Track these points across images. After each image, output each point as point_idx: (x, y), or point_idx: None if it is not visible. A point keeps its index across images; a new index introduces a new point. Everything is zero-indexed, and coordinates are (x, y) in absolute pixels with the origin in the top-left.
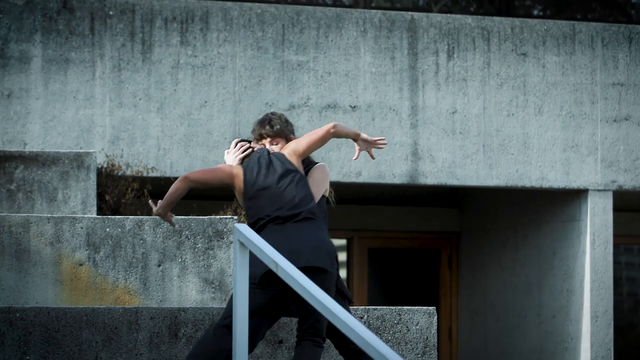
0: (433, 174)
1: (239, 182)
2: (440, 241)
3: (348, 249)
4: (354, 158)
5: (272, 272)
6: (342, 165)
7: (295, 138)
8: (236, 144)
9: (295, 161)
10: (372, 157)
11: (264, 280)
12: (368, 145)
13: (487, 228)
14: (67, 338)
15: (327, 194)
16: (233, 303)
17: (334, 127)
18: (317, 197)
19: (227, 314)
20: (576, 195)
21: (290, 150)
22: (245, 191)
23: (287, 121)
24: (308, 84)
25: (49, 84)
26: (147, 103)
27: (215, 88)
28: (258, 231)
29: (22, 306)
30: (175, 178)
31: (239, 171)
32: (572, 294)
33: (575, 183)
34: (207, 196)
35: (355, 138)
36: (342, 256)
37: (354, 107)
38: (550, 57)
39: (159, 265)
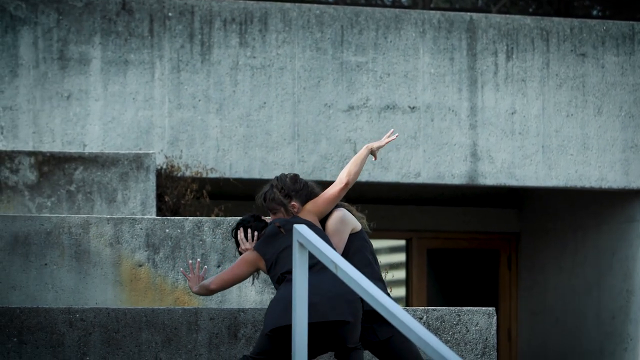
0: (492, 175)
1: (263, 263)
2: (499, 242)
3: (407, 249)
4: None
5: (282, 327)
6: (401, 166)
7: (299, 198)
8: (244, 234)
9: (311, 219)
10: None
11: (274, 332)
12: (383, 146)
13: (547, 229)
14: (126, 339)
15: (357, 229)
16: (292, 304)
17: (347, 182)
18: (339, 246)
19: (256, 350)
20: (635, 196)
21: (306, 211)
22: (268, 264)
23: (283, 188)
24: (367, 85)
25: (108, 85)
26: (206, 104)
27: (274, 89)
28: (278, 282)
29: (82, 307)
30: (235, 179)
31: (259, 255)
32: (632, 295)
33: (634, 183)
34: None
35: (370, 152)
36: (401, 257)
37: (413, 107)
38: (609, 57)
39: (219, 266)
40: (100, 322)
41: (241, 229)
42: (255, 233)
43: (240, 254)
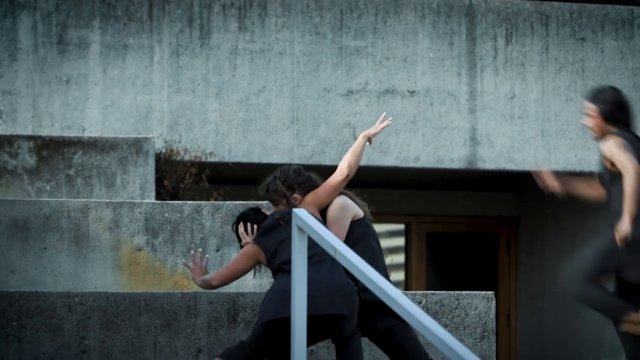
0: (491, 159)
1: (263, 255)
2: (498, 226)
3: (406, 233)
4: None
5: (276, 320)
6: (400, 150)
7: (301, 191)
8: (244, 228)
9: (311, 210)
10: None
11: (270, 324)
12: (379, 132)
13: (546, 213)
14: (125, 323)
15: (360, 217)
16: (292, 290)
17: (348, 174)
18: (340, 233)
19: (252, 338)
20: None
21: (306, 203)
22: (267, 255)
23: (286, 180)
24: (366, 69)
25: (107, 69)
26: (205, 88)
27: (274, 73)
28: (275, 273)
29: (81, 291)
30: (234, 163)
31: (258, 248)
32: None
33: None
34: None
35: (367, 141)
36: (400, 241)
37: (412, 92)
38: (608, 41)
39: (218, 250)
40: (99, 306)
41: (241, 223)
42: (255, 226)
43: (242, 248)
